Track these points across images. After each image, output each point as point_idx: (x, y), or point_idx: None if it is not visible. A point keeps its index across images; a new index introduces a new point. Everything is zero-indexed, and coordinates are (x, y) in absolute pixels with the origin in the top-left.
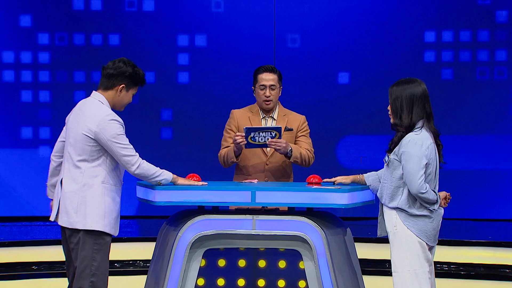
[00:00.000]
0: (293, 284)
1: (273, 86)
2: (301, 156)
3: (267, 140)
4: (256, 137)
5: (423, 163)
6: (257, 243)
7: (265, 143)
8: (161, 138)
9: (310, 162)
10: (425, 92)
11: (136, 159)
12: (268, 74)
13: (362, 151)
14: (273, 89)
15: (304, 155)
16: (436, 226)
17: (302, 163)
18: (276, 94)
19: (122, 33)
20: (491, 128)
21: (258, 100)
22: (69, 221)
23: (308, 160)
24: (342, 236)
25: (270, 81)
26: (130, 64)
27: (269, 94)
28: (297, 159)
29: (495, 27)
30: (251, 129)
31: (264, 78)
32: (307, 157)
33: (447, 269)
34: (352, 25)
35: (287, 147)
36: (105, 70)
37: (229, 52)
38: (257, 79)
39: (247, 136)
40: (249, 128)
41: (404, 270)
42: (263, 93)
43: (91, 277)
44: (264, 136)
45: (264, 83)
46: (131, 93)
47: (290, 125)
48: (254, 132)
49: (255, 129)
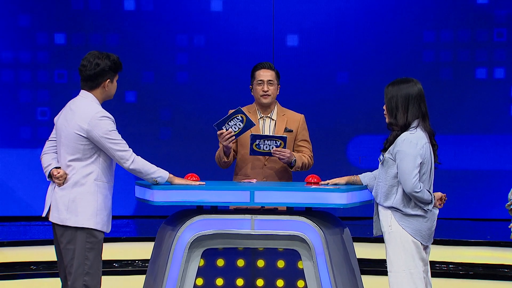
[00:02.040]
0: (292, 284)
1: (270, 81)
2: (302, 165)
3: (271, 149)
4: (261, 144)
5: (417, 162)
6: (256, 243)
7: (269, 152)
8: (160, 138)
9: (310, 167)
10: (421, 91)
11: (130, 154)
12: (265, 71)
13: (361, 150)
14: (271, 84)
15: (306, 163)
16: (431, 226)
17: (302, 169)
18: (274, 90)
19: (121, 32)
20: (490, 128)
21: (256, 96)
22: (60, 217)
23: (308, 166)
24: (341, 235)
25: (268, 76)
26: (104, 57)
27: (267, 89)
28: (298, 168)
29: (493, 26)
30: (257, 136)
31: (261, 74)
32: (307, 164)
33: (446, 269)
34: (351, 24)
35: (291, 157)
36: (84, 72)
37: (227, 51)
38: (255, 76)
39: (252, 143)
40: (255, 135)
41: (399, 269)
42: (261, 88)
43: (85, 276)
44: (269, 144)
45: (262, 78)
46: (115, 80)
47: (290, 124)
48: (259, 140)
49: (261, 136)
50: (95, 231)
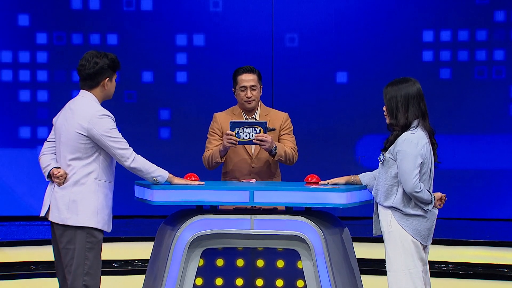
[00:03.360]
0: (291, 284)
1: (253, 86)
2: (285, 154)
3: (251, 137)
4: (240, 133)
5: (418, 162)
6: (255, 243)
7: (250, 140)
8: (159, 138)
9: (294, 160)
10: (420, 91)
11: (131, 153)
12: (247, 75)
13: (360, 150)
14: (254, 89)
15: (289, 154)
16: (431, 226)
17: (286, 161)
18: (257, 94)
19: (120, 32)
20: (489, 128)
21: (240, 101)
22: (60, 217)
23: (292, 159)
24: (340, 235)
25: (251, 82)
26: (103, 55)
27: (250, 95)
28: (281, 157)
29: (493, 26)
30: (236, 123)
31: (244, 79)
32: (291, 156)
33: (445, 269)
34: (350, 24)
35: (272, 144)
36: (82, 71)
37: (227, 51)
38: (237, 81)
39: (232, 131)
40: (235, 122)
41: (398, 269)
42: (244, 94)
43: (84, 276)
44: (248, 132)
45: (245, 84)
46: (114, 79)
47: (273, 124)
48: (239, 128)
49: (241, 123)
50: (95, 231)
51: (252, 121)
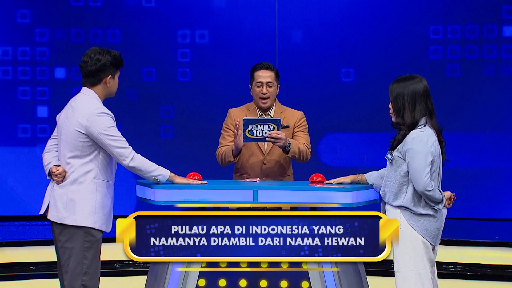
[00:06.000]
0: (296, 285)
1: (270, 83)
2: (299, 151)
3: (265, 134)
4: (253, 130)
5: (429, 160)
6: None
7: (263, 137)
8: (161, 136)
9: (308, 158)
10: (427, 88)
11: (130, 152)
12: (265, 71)
13: (366, 149)
14: (270, 86)
15: (302, 150)
16: (440, 226)
17: (300, 158)
18: (273, 91)
19: (122, 29)
20: (498, 126)
21: (255, 98)
22: (58, 215)
23: (306, 155)
24: None
25: (267, 78)
26: (105, 52)
27: (266, 91)
28: (295, 154)
29: (501, 22)
30: (250, 120)
31: (260, 75)
32: (304, 152)
33: (453, 270)
34: (355, 20)
35: (286, 141)
36: (84, 68)
37: (230, 48)
38: (254, 77)
39: (245, 129)
40: (248, 119)
41: (407, 270)
42: (260, 90)
43: (83, 275)
44: (262, 129)
45: (261, 80)
46: (117, 76)
47: (287, 122)
48: (252, 125)
49: (254, 120)
50: (93, 230)
51: (266, 118)
